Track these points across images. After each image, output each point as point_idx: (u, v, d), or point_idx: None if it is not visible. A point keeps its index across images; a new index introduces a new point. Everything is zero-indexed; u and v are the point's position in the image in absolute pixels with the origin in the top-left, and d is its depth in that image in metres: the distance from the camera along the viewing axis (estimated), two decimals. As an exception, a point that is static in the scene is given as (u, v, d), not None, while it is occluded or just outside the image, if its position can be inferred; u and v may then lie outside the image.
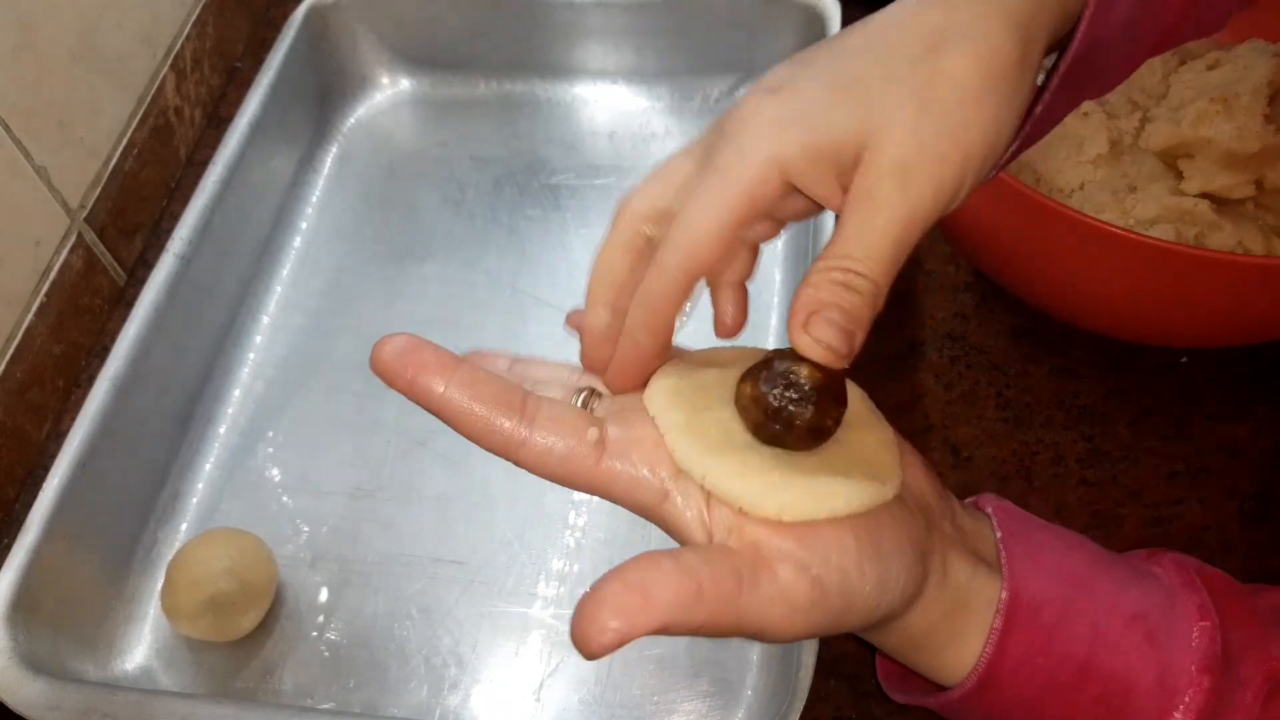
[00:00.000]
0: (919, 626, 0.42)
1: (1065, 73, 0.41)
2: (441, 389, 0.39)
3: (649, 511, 0.40)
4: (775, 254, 0.84)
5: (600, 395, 0.44)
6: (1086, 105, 0.76)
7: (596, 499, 0.70)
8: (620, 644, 0.35)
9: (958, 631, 0.42)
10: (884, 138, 0.37)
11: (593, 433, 0.40)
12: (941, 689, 0.44)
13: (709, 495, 0.39)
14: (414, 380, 0.39)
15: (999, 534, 0.44)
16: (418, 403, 0.40)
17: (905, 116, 0.37)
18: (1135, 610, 0.43)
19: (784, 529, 0.38)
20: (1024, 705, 0.42)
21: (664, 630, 0.36)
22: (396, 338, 0.40)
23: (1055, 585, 0.43)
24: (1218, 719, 0.41)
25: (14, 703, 0.59)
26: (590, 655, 0.35)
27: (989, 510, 0.46)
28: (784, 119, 0.39)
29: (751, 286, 0.83)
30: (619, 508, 0.41)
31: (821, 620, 0.38)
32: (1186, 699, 0.41)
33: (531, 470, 0.40)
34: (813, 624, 0.38)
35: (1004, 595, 0.42)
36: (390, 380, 0.39)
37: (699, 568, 0.36)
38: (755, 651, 0.66)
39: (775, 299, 0.82)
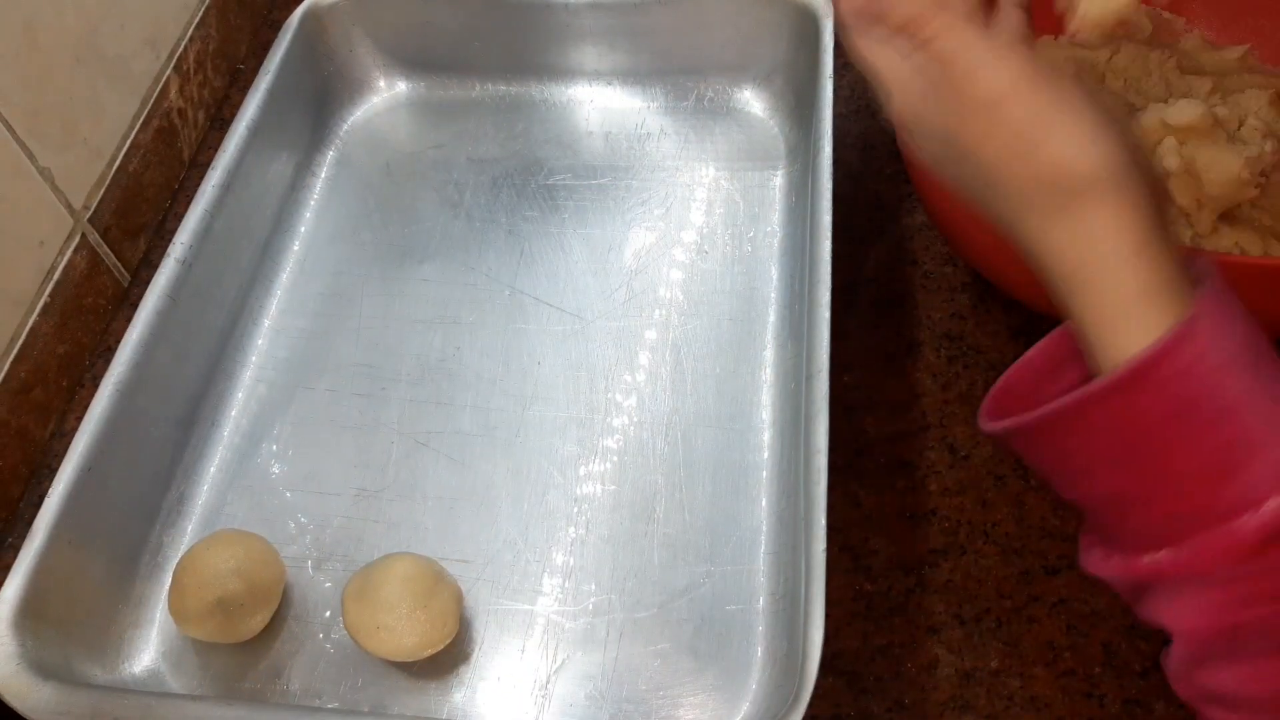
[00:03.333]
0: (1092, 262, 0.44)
1: None
2: None
3: None
4: (773, 251, 0.85)
5: None
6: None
7: (598, 496, 0.72)
8: None
9: (1133, 306, 0.43)
10: None
11: None
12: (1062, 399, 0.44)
13: None
14: None
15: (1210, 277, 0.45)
16: None
17: None
18: None
19: None
20: (1154, 419, 0.43)
21: None
22: None
23: (1238, 334, 0.43)
24: None
25: (23, 708, 0.59)
26: None
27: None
28: None
29: (751, 285, 0.84)
30: (621, 505, 0.43)
31: None
32: None
33: None
34: None
35: (1194, 308, 0.42)
36: None
37: None
38: (760, 645, 0.67)
39: (773, 294, 0.82)
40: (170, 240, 0.76)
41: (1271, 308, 0.64)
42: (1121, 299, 0.43)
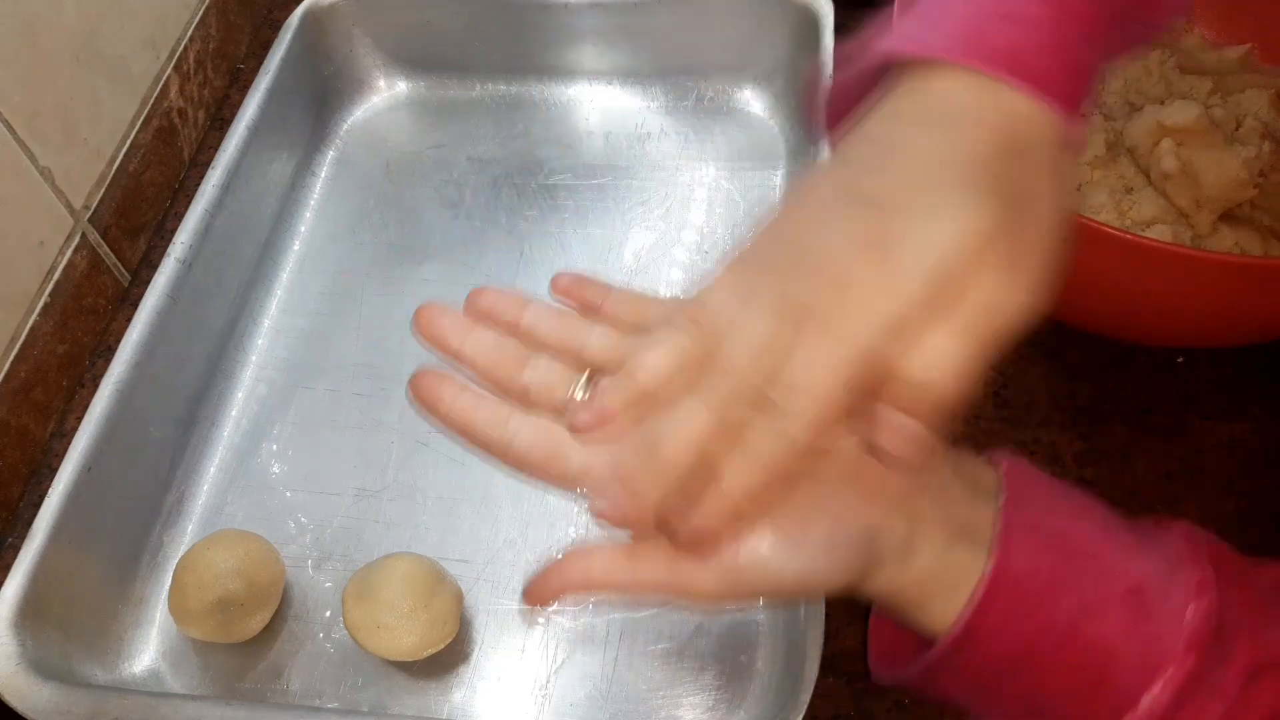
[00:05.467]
0: (882, 595, 0.44)
1: None
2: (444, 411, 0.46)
3: None
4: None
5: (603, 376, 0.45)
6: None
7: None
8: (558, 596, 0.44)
9: (932, 595, 0.43)
10: None
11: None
12: (920, 656, 0.45)
13: None
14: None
15: (1003, 497, 0.44)
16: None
17: None
18: (1132, 583, 0.43)
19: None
20: (1002, 668, 0.43)
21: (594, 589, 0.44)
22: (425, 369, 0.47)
23: (1051, 553, 0.43)
24: (1197, 697, 0.41)
25: (23, 708, 0.59)
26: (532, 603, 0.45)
27: (1001, 469, 0.46)
28: None
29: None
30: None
31: (736, 597, 0.43)
32: (1168, 674, 0.41)
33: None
34: (728, 599, 0.43)
35: (992, 564, 0.42)
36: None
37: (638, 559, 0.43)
38: (760, 646, 0.67)
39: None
40: (170, 240, 0.76)
41: (1271, 308, 0.64)
42: (928, 582, 0.44)
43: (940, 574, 0.43)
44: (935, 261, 0.37)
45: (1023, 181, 0.39)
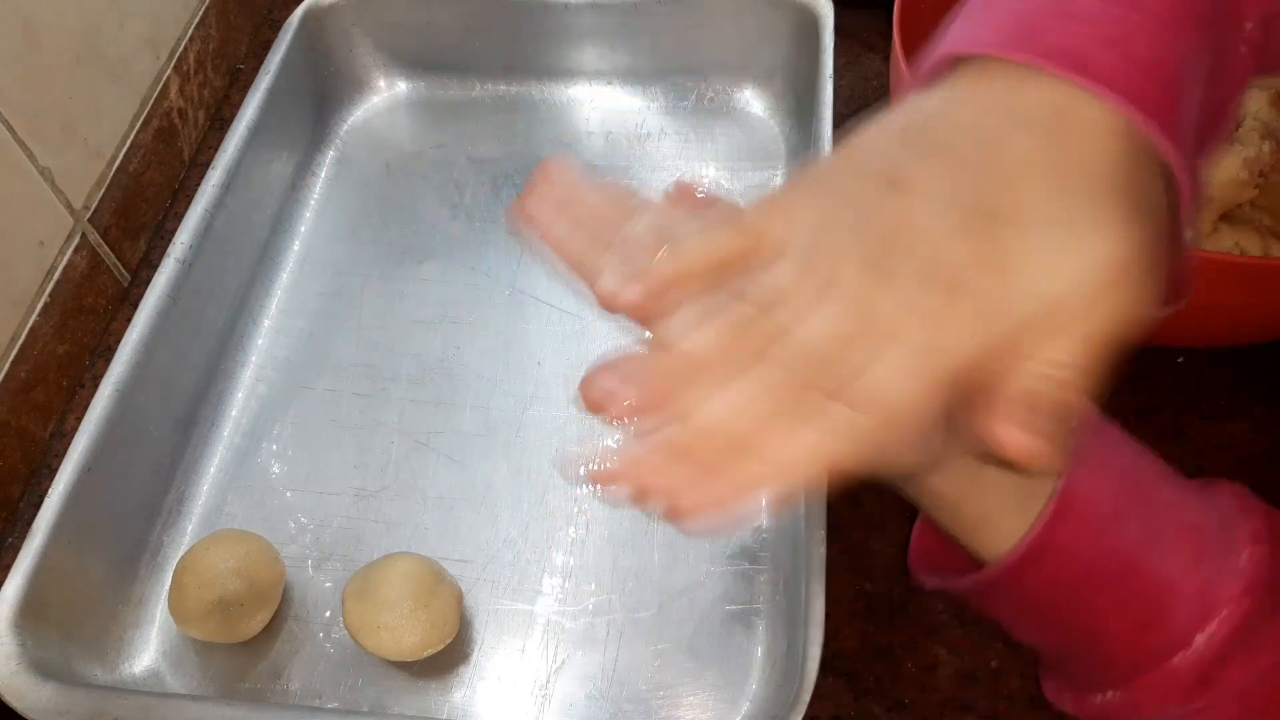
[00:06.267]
0: (944, 497, 0.42)
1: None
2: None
3: None
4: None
5: None
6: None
7: (598, 496, 0.71)
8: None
9: (997, 511, 0.42)
10: None
11: None
12: (974, 570, 0.44)
13: None
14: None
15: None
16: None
17: None
18: (1190, 523, 0.43)
19: None
20: (1060, 590, 0.43)
21: None
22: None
23: (1118, 482, 0.43)
24: (1253, 640, 0.41)
25: (23, 708, 0.59)
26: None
27: None
28: None
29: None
30: (621, 504, 0.41)
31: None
32: (1224, 614, 0.41)
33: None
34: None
35: (1063, 483, 0.41)
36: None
37: None
38: (760, 646, 0.67)
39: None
40: (170, 240, 0.76)
41: (1272, 308, 0.64)
42: (996, 494, 0.42)
43: (1010, 487, 0.42)
44: (1064, 286, 0.34)
45: (1139, 192, 0.36)
